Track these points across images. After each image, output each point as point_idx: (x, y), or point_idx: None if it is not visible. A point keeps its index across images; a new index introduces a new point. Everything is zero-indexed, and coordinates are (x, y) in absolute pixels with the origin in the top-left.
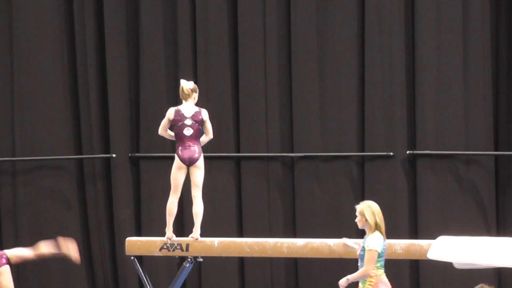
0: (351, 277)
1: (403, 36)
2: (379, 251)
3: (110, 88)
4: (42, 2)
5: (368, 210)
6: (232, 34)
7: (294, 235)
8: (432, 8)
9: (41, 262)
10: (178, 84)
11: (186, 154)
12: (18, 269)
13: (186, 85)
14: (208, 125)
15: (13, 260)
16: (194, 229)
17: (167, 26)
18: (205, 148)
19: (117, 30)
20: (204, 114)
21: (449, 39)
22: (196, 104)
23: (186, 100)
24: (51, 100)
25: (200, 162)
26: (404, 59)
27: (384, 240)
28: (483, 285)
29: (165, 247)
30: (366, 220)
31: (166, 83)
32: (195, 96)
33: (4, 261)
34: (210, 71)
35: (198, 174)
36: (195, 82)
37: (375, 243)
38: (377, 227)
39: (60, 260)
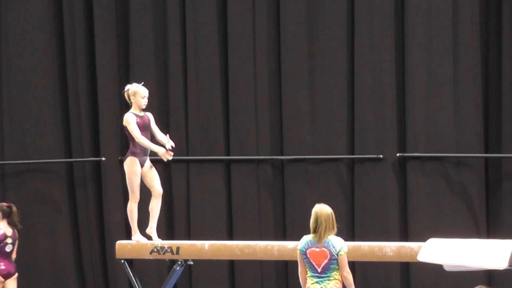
0: None
1: (393, 38)
2: (298, 249)
3: (100, 91)
4: (31, 4)
5: (312, 215)
6: (222, 37)
7: (284, 237)
8: (422, 11)
9: (31, 265)
10: (168, 87)
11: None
12: None
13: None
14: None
15: None
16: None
17: (157, 29)
18: (195, 151)
19: (107, 32)
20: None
21: (439, 42)
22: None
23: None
24: (41, 103)
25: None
26: (394, 61)
27: (310, 241)
28: (482, 286)
29: (155, 250)
30: None
31: (156, 87)
32: (132, 99)
33: None
34: (200, 74)
35: None
36: (185, 85)
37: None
38: (313, 231)
39: (51, 263)
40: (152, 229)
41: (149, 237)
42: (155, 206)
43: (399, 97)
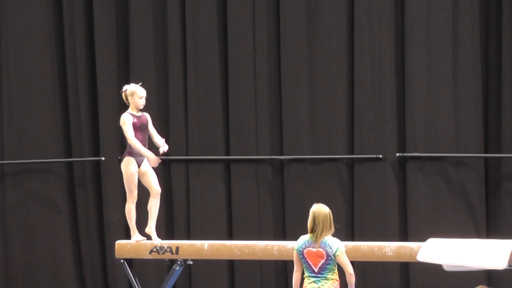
0: None
1: (393, 38)
2: (295, 249)
3: (100, 91)
4: (31, 4)
5: (310, 215)
6: (222, 37)
7: (284, 237)
8: (422, 11)
9: (31, 265)
10: (167, 87)
11: None
12: (8, 271)
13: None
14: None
15: None
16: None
17: (157, 29)
18: (195, 151)
19: (107, 32)
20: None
21: (439, 42)
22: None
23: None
24: (41, 103)
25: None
26: (394, 61)
27: (307, 241)
28: (483, 286)
29: (154, 250)
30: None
31: (156, 87)
32: (130, 99)
33: None
34: (199, 73)
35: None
36: (185, 85)
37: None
38: (311, 230)
39: (51, 263)
40: (151, 228)
41: (148, 237)
42: (154, 206)
43: (399, 97)
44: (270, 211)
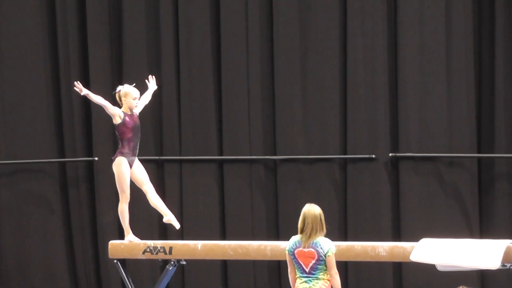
0: None
1: (385, 38)
2: (287, 250)
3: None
4: (25, 6)
5: (301, 215)
6: (215, 37)
7: (277, 237)
8: (415, 10)
9: (24, 265)
10: (161, 87)
11: None
12: (1, 271)
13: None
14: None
15: None
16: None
17: (150, 29)
18: (188, 151)
19: (100, 33)
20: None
21: (432, 42)
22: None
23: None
24: (34, 103)
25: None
26: (387, 61)
27: (298, 241)
28: (464, 287)
29: (148, 250)
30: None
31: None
32: (123, 100)
33: None
34: (192, 74)
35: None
36: (178, 85)
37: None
38: (300, 231)
39: (44, 263)
40: (167, 215)
41: (170, 226)
42: (156, 199)
43: (392, 97)
44: (263, 211)
